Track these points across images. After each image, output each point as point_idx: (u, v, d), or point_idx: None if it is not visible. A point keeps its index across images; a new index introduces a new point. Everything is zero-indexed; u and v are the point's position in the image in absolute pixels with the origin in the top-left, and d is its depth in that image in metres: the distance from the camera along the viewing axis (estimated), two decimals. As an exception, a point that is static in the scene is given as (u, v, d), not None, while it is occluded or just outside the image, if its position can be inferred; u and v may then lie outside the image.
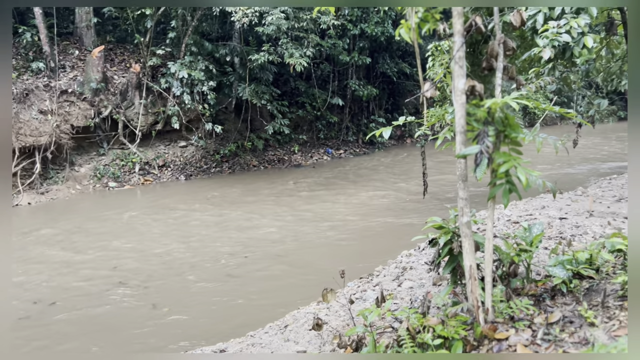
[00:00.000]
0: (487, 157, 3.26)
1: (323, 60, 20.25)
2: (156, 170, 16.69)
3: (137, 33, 16.60)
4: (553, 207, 8.17)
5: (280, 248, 9.03)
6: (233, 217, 11.39)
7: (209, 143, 17.86)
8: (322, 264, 7.91)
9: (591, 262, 4.04)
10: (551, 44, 5.99)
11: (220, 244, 9.41)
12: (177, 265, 8.39)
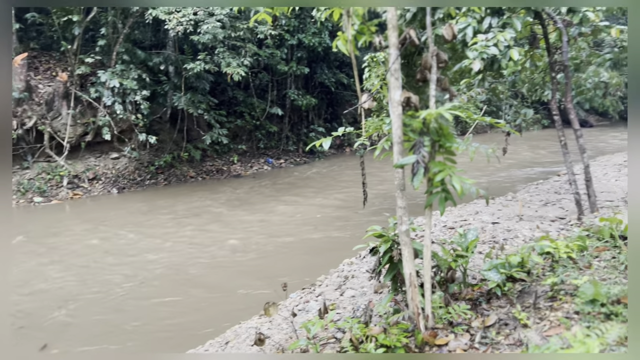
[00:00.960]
0: (424, 167, 3.33)
1: (261, 69, 20.17)
2: (86, 183, 15.90)
3: (64, 40, 15.81)
4: (486, 212, 8.51)
5: (220, 261, 8.83)
6: (164, 230, 11.03)
7: (143, 154, 17.26)
8: (263, 277, 7.80)
9: (523, 265, 4.21)
10: (480, 56, 6.25)
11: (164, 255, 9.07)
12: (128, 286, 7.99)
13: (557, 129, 7.62)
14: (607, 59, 13.55)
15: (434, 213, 8.45)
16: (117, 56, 16.13)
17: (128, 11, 15.94)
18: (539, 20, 7.31)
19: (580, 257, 4.33)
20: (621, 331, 2.88)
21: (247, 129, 20.27)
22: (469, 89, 8.76)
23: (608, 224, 4.84)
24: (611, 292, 3.26)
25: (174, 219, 12.01)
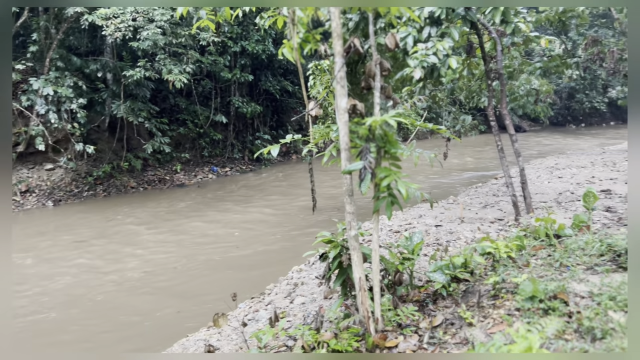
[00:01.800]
0: (371, 172, 3.40)
1: (204, 76, 19.86)
2: (18, 196, 15.03)
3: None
4: (429, 216, 8.76)
5: (166, 274, 8.57)
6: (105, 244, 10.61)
7: (80, 165, 16.53)
8: (212, 288, 7.64)
9: (466, 265, 4.37)
10: (421, 64, 6.45)
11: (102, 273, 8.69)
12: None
13: (494, 134, 7.98)
14: (537, 68, 14.39)
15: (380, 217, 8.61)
16: (50, 63, 15.40)
17: (62, 16, 15.28)
18: (475, 30, 7.63)
19: (519, 256, 4.54)
20: (559, 325, 3.05)
21: (191, 137, 19.87)
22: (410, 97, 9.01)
23: (543, 223, 5.11)
24: (548, 289, 3.44)
25: (117, 232, 11.57)
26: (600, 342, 2.87)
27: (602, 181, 11.45)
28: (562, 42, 15.83)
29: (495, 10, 6.44)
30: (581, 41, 14.79)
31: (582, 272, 3.97)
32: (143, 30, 14.62)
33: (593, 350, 2.74)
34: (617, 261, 4.07)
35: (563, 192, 10.44)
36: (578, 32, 15.70)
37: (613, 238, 4.29)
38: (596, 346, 2.83)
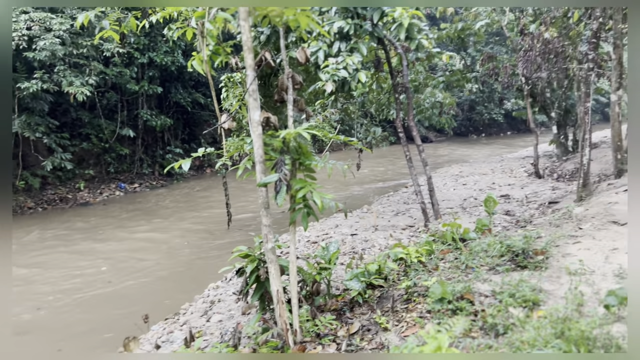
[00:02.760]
0: (286, 184, 3.42)
1: (109, 89, 18.90)
2: None
3: None
4: (345, 225, 8.94)
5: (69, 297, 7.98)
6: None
7: (-31, 185, 15.00)
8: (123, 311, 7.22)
9: (380, 272, 4.51)
10: (332, 78, 6.61)
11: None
12: None
13: (402, 145, 8.34)
14: (440, 82, 15.27)
15: (298, 229, 8.65)
16: None
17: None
18: (382, 46, 7.97)
19: (429, 260, 4.76)
20: (465, 324, 3.22)
21: (95, 152, 18.77)
22: (323, 109, 9.18)
23: (449, 228, 5.41)
24: (456, 290, 3.63)
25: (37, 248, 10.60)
26: (502, 337, 3.08)
27: (502, 187, 12.35)
28: (462, 58, 16.93)
29: (400, 27, 6.77)
30: (479, 57, 15.93)
31: (485, 272, 4.24)
32: (39, 40, 13.67)
33: (496, 346, 2.93)
34: (515, 260, 4.40)
35: (467, 198, 11.12)
36: (475, 48, 16.87)
37: (511, 239, 4.63)
38: (499, 341, 3.03)
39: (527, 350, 2.75)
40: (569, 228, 5.47)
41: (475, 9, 13.29)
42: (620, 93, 8.75)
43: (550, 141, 16.21)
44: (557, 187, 11.31)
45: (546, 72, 9.94)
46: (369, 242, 7.45)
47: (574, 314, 3.09)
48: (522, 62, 10.18)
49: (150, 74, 18.99)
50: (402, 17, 6.72)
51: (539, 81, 12.23)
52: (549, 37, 9.49)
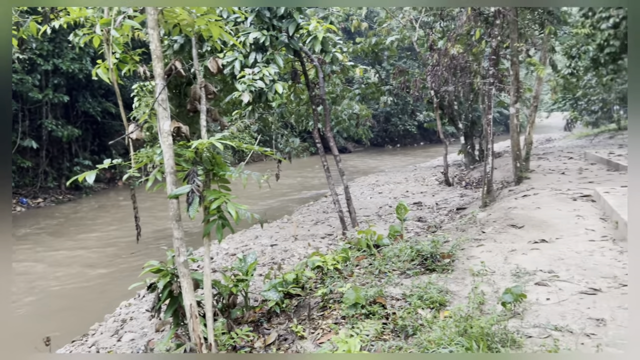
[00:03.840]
0: (199, 196, 3.35)
1: (9, 97, 17.54)
2: None
3: None
4: (265, 236, 8.91)
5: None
6: None
7: None
8: (29, 334, 6.68)
9: (297, 281, 4.54)
10: (248, 89, 6.61)
11: None
12: None
13: (320, 155, 8.48)
14: (356, 94, 15.71)
15: (214, 241, 8.49)
16: None
17: None
18: (299, 58, 8.09)
19: (345, 267, 4.87)
20: (377, 327, 3.33)
21: (-6, 165, 17.27)
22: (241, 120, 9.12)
23: (364, 235, 5.57)
24: (369, 294, 3.75)
25: None
26: (412, 338, 3.22)
27: (415, 195, 12.91)
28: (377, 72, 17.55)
29: (315, 40, 6.92)
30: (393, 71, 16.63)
31: (397, 276, 4.42)
32: None
33: (406, 347, 3.06)
34: (425, 264, 4.62)
35: (383, 205, 11.50)
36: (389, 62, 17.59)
37: (421, 244, 4.86)
38: (409, 342, 3.16)
39: (433, 349, 2.90)
40: (473, 232, 5.84)
41: (387, 24, 13.87)
42: (517, 106, 9.50)
43: (459, 151, 17.20)
44: (465, 194, 12.02)
45: (453, 86, 10.58)
46: (289, 252, 7.48)
47: (476, 313, 3.30)
48: (431, 76, 10.77)
49: (55, 82, 17.84)
50: (316, 30, 6.87)
51: (447, 94, 12.97)
52: (455, 53, 10.11)
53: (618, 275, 3.95)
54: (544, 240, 5.11)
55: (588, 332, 3.03)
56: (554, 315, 3.31)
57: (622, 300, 3.47)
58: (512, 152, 9.84)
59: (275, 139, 18.98)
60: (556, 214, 6.21)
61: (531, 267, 4.29)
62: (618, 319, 3.18)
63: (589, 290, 3.70)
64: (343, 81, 14.55)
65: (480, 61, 12.08)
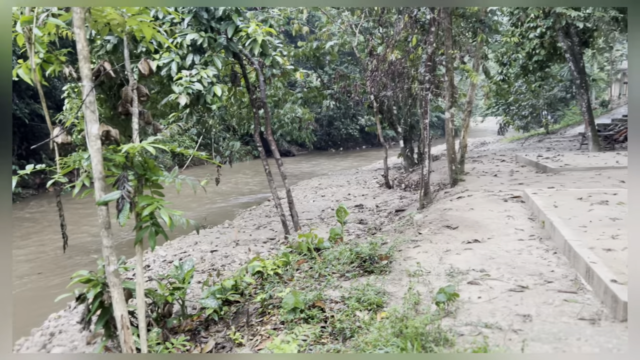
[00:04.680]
0: (129, 202, 3.23)
1: None
2: None
3: None
4: (205, 242, 8.72)
5: None
6: None
7: None
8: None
9: (236, 287, 4.47)
10: (186, 91, 6.46)
11: None
12: None
13: (262, 159, 8.42)
14: (299, 97, 15.76)
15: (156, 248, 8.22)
16: None
17: None
18: (238, 61, 8.00)
19: (285, 272, 4.85)
20: (316, 330, 3.34)
21: None
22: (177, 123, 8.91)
23: (305, 239, 5.57)
24: (308, 298, 3.75)
25: None
26: (349, 340, 3.24)
27: (356, 197, 13.08)
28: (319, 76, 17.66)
29: (254, 43, 6.86)
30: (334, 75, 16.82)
31: (336, 279, 4.45)
32: None
33: (344, 349, 3.08)
34: (363, 266, 4.68)
35: (325, 209, 11.57)
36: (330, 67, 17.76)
37: (360, 247, 4.91)
38: (347, 345, 3.18)
39: (370, 350, 2.93)
40: (410, 233, 5.98)
41: (326, 29, 13.99)
42: (452, 111, 9.84)
43: (398, 154, 17.61)
44: (405, 196, 12.30)
45: (391, 91, 10.82)
46: (230, 258, 7.36)
47: (411, 313, 3.37)
48: (370, 81, 10.96)
49: (-22, 81, 16.70)
50: (255, 33, 6.82)
51: (386, 99, 13.25)
52: (393, 59, 10.35)
53: (544, 273, 4.17)
54: (476, 240, 5.31)
55: (516, 328, 3.17)
56: (485, 312, 3.44)
57: (547, 296, 3.66)
58: (447, 155, 10.18)
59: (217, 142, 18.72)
60: (488, 214, 6.48)
61: (464, 267, 4.44)
62: (543, 315, 3.34)
63: (517, 287, 3.87)
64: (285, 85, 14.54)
65: (417, 67, 12.43)
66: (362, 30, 14.41)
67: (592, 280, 3.74)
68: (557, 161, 11.42)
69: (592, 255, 4.07)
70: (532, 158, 12.35)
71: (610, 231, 4.91)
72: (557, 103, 27.45)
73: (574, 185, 8.21)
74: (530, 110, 25.59)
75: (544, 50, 16.04)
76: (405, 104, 15.57)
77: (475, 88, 10.89)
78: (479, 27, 10.33)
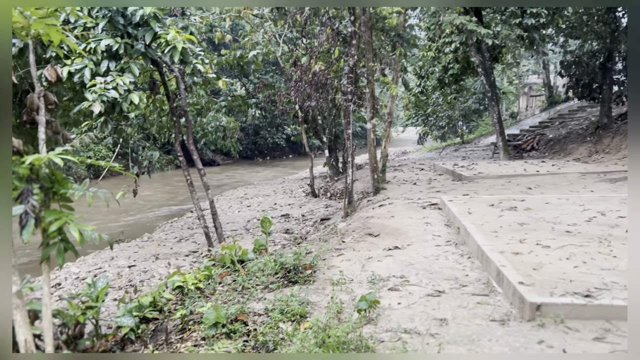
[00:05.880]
0: (34, 217, 3.01)
1: None
2: None
3: None
4: (122, 257, 8.32)
5: None
6: None
7: None
8: None
9: (155, 304, 4.29)
10: (100, 99, 6.16)
11: None
12: None
13: (183, 169, 8.20)
14: (222, 106, 15.53)
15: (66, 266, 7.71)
16: None
17: None
18: (157, 68, 7.75)
19: (207, 286, 4.72)
20: (238, 345, 3.27)
21: None
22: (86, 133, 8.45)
23: (228, 251, 5.46)
24: (230, 312, 3.67)
25: None
26: (272, 353, 3.21)
27: (283, 207, 13.06)
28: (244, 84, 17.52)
29: (174, 50, 6.68)
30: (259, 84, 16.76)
31: (260, 291, 4.39)
32: None
33: (266, 362, 3.04)
34: (288, 277, 4.67)
35: (251, 219, 11.45)
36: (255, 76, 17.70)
37: (284, 257, 4.89)
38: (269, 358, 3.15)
39: (292, 362, 2.91)
40: (334, 242, 6.05)
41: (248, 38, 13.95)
42: (374, 122, 10.13)
43: (324, 163, 17.83)
44: (330, 204, 12.46)
45: (315, 101, 10.96)
46: (149, 273, 7.07)
47: (334, 322, 3.40)
48: (295, 91, 11.04)
49: None
50: (175, 40, 6.65)
51: (310, 109, 13.40)
52: (317, 70, 10.49)
53: (459, 277, 4.37)
54: (397, 247, 5.47)
55: (433, 332, 3.29)
56: (404, 318, 3.54)
57: (462, 300, 3.83)
58: (370, 164, 10.45)
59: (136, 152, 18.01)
60: (408, 221, 6.71)
61: (385, 273, 4.55)
62: (458, 318, 3.49)
63: (434, 292, 4.02)
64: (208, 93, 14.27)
65: (340, 78, 12.69)
66: (287, 40, 14.50)
67: (502, 282, 3.97)
68: (471, 170, 12.08)
69: (502, 259, 4.33)
70: (449, 167, 12.98)
71: (518, 235, 5.24)
72: (472, 114, 29.10)
73: (487, 193, 8.71)
74: (447, 121, 26.91)
75: (458, 64, 16.98)
76: (329, 114, 15.81)
77: (395, 99, 11.28)
78: (398, 41, 10.73)
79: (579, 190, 8.54)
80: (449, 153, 21.78)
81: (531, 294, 3.47)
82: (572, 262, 4.26)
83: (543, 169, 11.56)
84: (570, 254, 4.48)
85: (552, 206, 6.86)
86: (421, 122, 27.96)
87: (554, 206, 6.86)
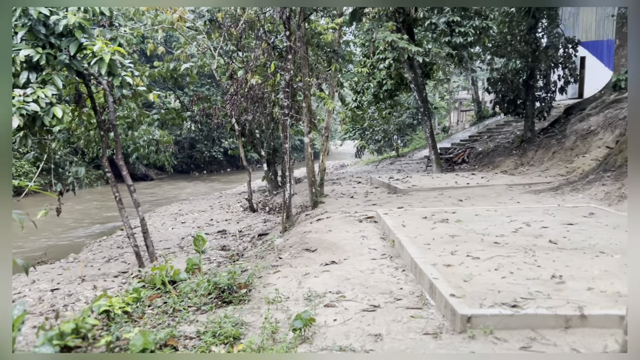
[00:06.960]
0: None
1: None
2: None
3: None
4: (45, 280, 7.78)
5: None
6: None
7: None
8: None
9: (78, 330, 4.01)
10: (19, 112, 5.78)
11: None
12: None
13: (111, 185, 7.83)
14: (155, 119, 15.05)
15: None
16: None
17: None
18: (83, 80, 7.39)
19: (135, 309, 4.48)
20: (167, 373, 3.11)
21: None
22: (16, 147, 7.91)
23: (159, 272, 5.23)
24: (159, 337, 3.49)
25: None
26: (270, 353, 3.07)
27: (219, 222, 12.78)
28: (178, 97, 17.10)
29: (101, 62, 6.40)
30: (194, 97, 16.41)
31: (192, 313, 4.23)
32: None
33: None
34: (222, 297, 4.52)
35: (185, 236, 11.10)
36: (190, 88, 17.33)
37: (218, 276, 4.75)
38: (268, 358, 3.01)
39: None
40: (271, 258, 5.96)
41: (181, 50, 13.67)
42: (311, 136, 10.16)
43: (262, 177, 17.68)
44: (269, 219, 12.34)
45: (252, 115, 10.86)
46: (74, 296, 6.64)
47: (269, 343, 3.32)
48: (230, 105, 10.89)
49: None
50: (102, 51, 6.37)
51: (247, 123, 13.27)
52: (254, 83, 10.41)
53: (393, 291, 4.41)
54: (333, 261, 5.47)
55: (367, 348, 3.28)
56: (340, 335, 3.51)
57: (396, 314, 3.86)
58: (308, 178, 10.45)
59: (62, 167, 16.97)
60: (345, 235, 6.74)
61: (322, 289, 4.52)
62: (392, 332, 3.51)
63: (369, 307, 4.03)
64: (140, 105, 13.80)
65: (278, 92, 12.68)
66: (223, 53, 14.33)
67: (435, 295, 4.04)
68: (405, 182, 12.38)
69: (434, 271, 4.41)
70: (385, 180, 13.24)
71: (450, 247, 5.39)
72: (406, 128, 29.97)
73: (420, 205, 8.94)
74: (382, 135, 27.54)
75: (392, 80, 17.46)
76: (267, 128, 15.74)
77: (332, 114, 11.39)
78: (334, 57, 10.87)
79: (506, 202, 8.95)
80: (385, 166, 22.26)
81: (462, 305, 3.55)
82: (500, 272, 4.42)
83: (473, 181, 12.05)
84: (498, 265, 4.64)
85: (482, 218, 7.13)
86: (358, 135, 28.44)
87: (483, 218, 7.13)
